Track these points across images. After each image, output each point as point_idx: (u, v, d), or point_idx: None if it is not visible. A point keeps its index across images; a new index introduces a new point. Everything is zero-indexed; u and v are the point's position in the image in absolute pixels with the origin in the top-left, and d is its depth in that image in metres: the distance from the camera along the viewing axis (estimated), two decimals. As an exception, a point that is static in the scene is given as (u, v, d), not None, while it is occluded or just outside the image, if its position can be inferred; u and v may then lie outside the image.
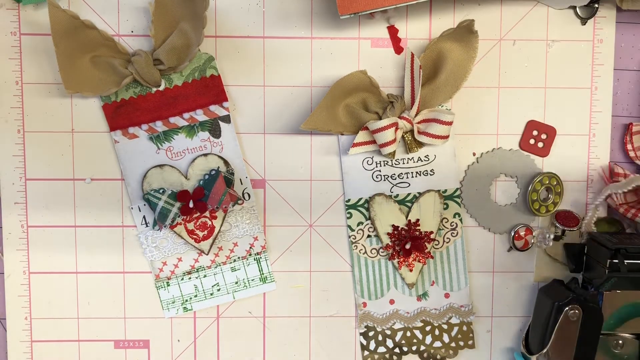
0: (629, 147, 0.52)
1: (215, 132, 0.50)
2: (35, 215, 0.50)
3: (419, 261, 0.52)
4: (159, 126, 0.49)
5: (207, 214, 0.50)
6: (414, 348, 0.53)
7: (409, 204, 0.52)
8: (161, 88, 0.49)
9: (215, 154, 0.50)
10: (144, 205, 0.50)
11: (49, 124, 0.49)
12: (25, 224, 0.50)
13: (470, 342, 0.54)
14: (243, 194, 0.51)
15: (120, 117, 0.49)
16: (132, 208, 0.50)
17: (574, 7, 0.51)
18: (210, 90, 0.49)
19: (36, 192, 0.50)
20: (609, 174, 0.52)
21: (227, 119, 0.50)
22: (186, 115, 0.50)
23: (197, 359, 0.53)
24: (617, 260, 0.48)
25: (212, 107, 0.50)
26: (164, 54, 0.47)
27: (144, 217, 0.51)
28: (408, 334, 0.53)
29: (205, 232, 0.50)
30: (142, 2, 0.48)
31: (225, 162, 0.50)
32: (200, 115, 0.50)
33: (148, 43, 0.49)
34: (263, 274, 0.52)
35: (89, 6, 0.48)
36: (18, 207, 0.50)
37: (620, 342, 0.52)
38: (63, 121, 0.50)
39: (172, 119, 0.50)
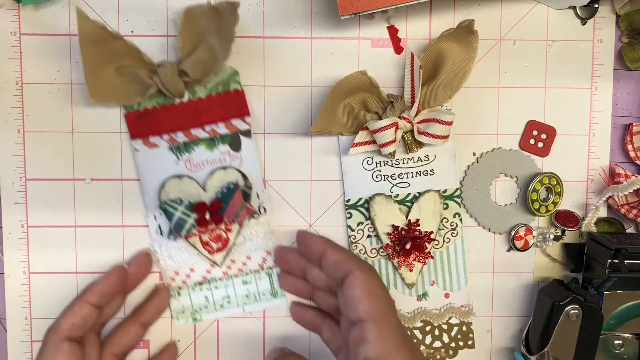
0: (629, 147, 0.52)
1: (236, 146, 0.50)
2: (35, 215, 0.50)
3: (419, 261, 0.52)
4: (180, 137, 0.49)
5: (222, 226, 0.50)
6: (414, 348, 0.53)
7: (409, 204, 0.52)
8: (184, 99, 0.49)
9: (234, 167, 0.50)
10: (160, 214, 0.50)
11: (49, 124, 0.50)
12: (25, 224, 0.50)
13: (470, 342, 0.54)
14: (259, 208, 0.51)
15: (142, 126, 0.49)
16: (147, 216, 0.50)
17: (574, 7, 0.51)
18: (233, 104, 0.49)
19: (36, 192, 0.50)
20: (609, 175, 0.53)
21: (248, 133, 0.50)
22: (208, 127, 0.49)
23: (197, 359, 0.53)
24: (617, 260, 0.48)
25: (234, 121, 0.50)
26: (189, 66, 0.46)
27: (159, 225, 0.51)
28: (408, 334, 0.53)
29: (220, 244, 0.50)
30: (143, 2, 0.48)
31: (244, 176, 0.50)
32: (221, 129, 0.50)
33: (149, 43, 0.49)
34: (274, 288, 0.52)
35: (89, 6, 0.48)
36: (18, 207, 0.50)
37: (620, 342, 0.52)
38: (63, 121, 0.50)
39: (193, 131, 0.49)
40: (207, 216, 0.49)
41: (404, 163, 0.51)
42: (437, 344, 0.54)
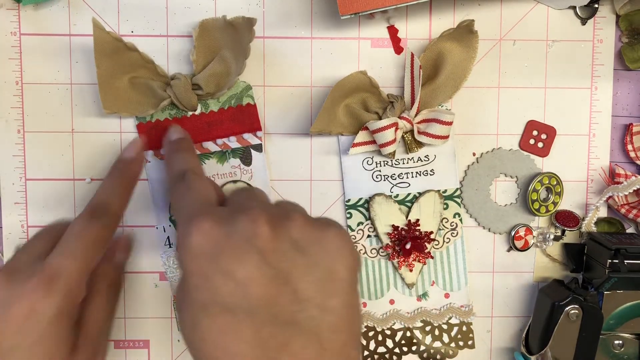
0: (629, 147, 0.52)
1: (246, 160, 0.50)
2: (35, 215, 0.50)
3: (419, 261, 0.52)
4: None
5: None
6: (414, 348, 0.53)
7: (409, 204, 0.52)
8: (197, 112, 0.49)
9: (244, 182, 0.50)
10: (169, 226, 0.50)
11: (49, 124, 0.50)
12: (25, 224, 0.50)
13: (470, 342, 0.54)
14: None
15: (154, 137, 0.49)
16: (157, 228, 0.50)
17: (574, 7, 0.51)
18: (245, 118, 0.49)
19: (36, 192, 0.50)
20: (609, 175, 0.52)
21: (259, 147, 0.50)
22: (219, 141, 0.49)
23: (197, 359, 0.53)
24: (617, 261, 0.48)
25: (246, 135, 0.50)
26: (203, 79, 0.46)
27: (167, 237, 0.51)
28: (408, 334, 0.53)
29: None
30: (143, 2, 0.48)
31: None
32: (233, 142, 0.50)
33: (149, 43, 0.49)
34: None
35: (89, 6, 0.48)
36: (18, 207, 0.50)
37: (620, 342, 0.52)
38: (63, 121, 0.50)
39: (205, 144, 0.49)
40: None
41: (404, 163, 0.51)
42: (437, 344, 0.54)
